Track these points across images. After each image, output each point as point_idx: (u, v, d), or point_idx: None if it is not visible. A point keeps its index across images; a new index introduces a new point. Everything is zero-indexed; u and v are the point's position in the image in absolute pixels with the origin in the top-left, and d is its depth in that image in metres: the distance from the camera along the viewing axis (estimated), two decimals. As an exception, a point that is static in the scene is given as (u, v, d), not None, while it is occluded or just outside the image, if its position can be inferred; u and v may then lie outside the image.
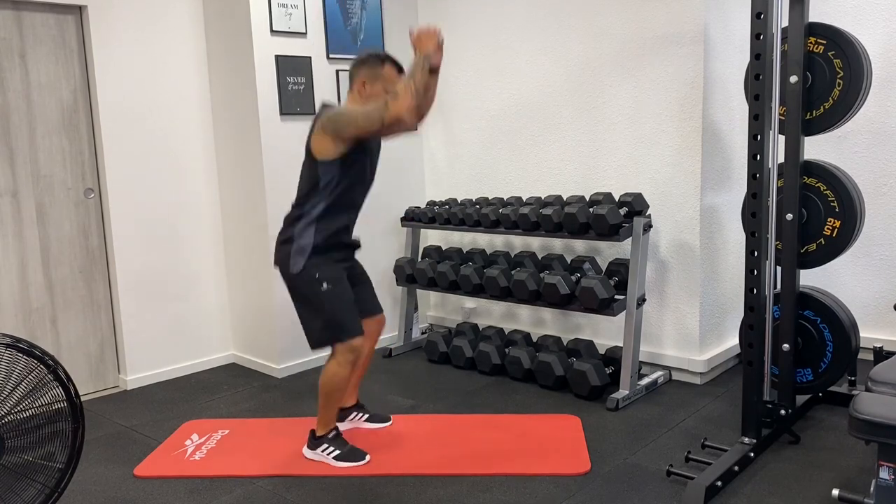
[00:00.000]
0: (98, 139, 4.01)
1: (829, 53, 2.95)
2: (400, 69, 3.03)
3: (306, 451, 3.11)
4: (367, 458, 3.04)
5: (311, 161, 2.95)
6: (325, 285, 2.93)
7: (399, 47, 4.72)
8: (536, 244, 4.39)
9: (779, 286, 3.09)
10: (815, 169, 3.05)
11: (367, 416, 3.44)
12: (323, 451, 3.05)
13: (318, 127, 2.91)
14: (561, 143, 4.19)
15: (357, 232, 3.19)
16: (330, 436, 3.06)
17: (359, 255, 3.33)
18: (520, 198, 4.19)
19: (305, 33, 4.19)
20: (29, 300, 3.87)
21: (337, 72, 4.36)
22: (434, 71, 2.77)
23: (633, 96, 3.85)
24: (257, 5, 3.98)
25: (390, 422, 3.45)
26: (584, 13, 3.98)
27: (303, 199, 2.98)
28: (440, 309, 5.04)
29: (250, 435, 3.41)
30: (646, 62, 3.77)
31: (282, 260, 2.99)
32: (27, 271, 3.86)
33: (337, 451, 3.04)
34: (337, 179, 2.93)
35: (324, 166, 2.90)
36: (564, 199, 4.02)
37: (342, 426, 3.26)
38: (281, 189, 4.14)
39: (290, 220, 3.00)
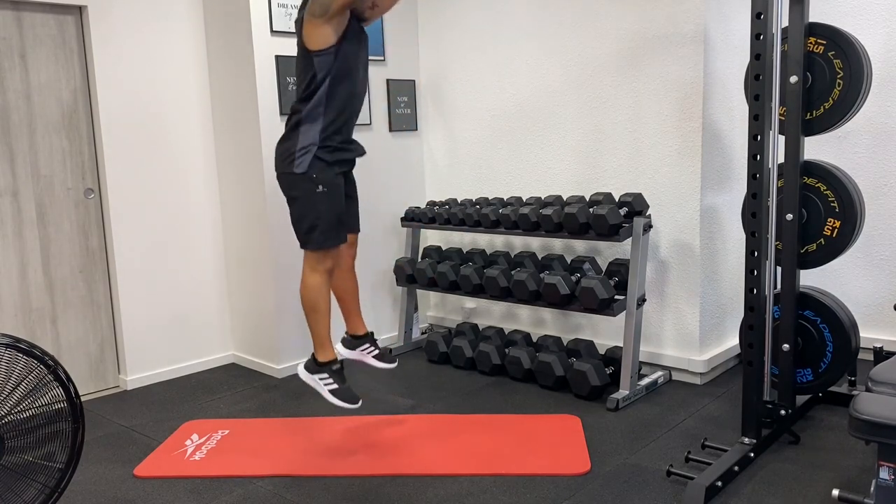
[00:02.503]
0: (98, 139, 4.01)
1: (829, 53, 2.95)
2: None
3: (301, 372, 3.11)
4: (360, 402, 3.06)
5: (305, 54, 2.98)
6: (320, 187, 2.98)
7: (399, 47, 4.73)
8: (536, 244, 4.39)
9: (779, 286, 3.09)
10: (815, 169, 3.05)
11: (377, 351, 3.44)
12: (320, 379, 3.06)
13: (306, 15, 2.94)
14: (561, 143, 4.19)
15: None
16: (333, 367, 3.07)
17: (359, 255, 3.33)
18: (520, 198, 4.19)
19: (305, 33, 4.18)
20: (29, 300, 3.87)
21: (337, 72, 4.35)
22: None
23: (633, 96, 3.85)
24: (257, 5, 3.98)
25: (395, 363, 3.46)
26: (585, 13, 3.98)
27: (302, 98, 3.01)
28: (440, 309, 5.04)
29: (250, 435, 3.41)
30: (646, 62, 3.77)
31: (284, 160, 3.01)
32: (27, 271, 3.86)
33: (334, 386, 3.05)
34: (333, 72, 2.96)
35: (319, 58, 2.94)
36: (564, 199, 4.02)
37: (351, 355, 3.28)
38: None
39: (293, 124, 3.02)
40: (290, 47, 4.12)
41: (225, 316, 4.53)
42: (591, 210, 3.65)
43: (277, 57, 4.06)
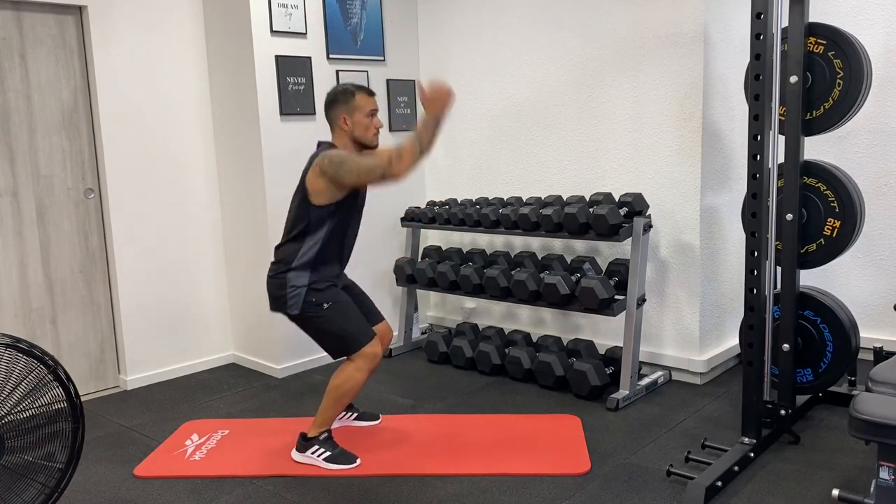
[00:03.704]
0: (98, 139, 4.01)
1: (829, 53, 2.95)
2: (370, 93, 3.06)
3: (295, 455, 3.09)
4: (358, 461, 3.04)
5: (304, 201, 2.97)
6: (325, 305, 2.99)
7: (399, 47, 4.73)
8: (536, 244, 4.39)
9: (779, 286, 3.09)
10: (815, 169, 3.05)
11: (356, 414, 3.46)
12: (313, 454, 3.04)
13: (316, 167, 2.91)
14: (561, 143, 4.19)
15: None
16: (321, 437, 3.06)
17: (359, 256, 3.32)
18: (520, 198, 4.19)
19: (305, 33, 4.19)
20: (29, 300, 3.87)
21: (337, 72, 4.35)
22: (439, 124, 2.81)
23: (633, 96, 3.85)
24: (257, 5, 3.98)
25: (379, 420, 3.47)
26: (585, 13, 3.98)
27: (295, 240, 3.01)
28: (440, 309, 5.04)
29: (250, 435, 3.41)
30: (646, 62, 3.77)
31: (277, 298, 3.04)
32: (27, 271, 3.86)
33: (328, 453, 3.03)
34: (330, 226, 2.98)
35: (317, 210, 2.94)
36: (564, 199, 4.02)
37: (335, 424, 3.27)
38: (281, 189, 4.14)
39: (283, 265, 3.01)
40: (290, 47, 4.13)
41: (225, 316, 4.53)
42: (591, 210, 3.65)
43: (277, 57, 4.06)
